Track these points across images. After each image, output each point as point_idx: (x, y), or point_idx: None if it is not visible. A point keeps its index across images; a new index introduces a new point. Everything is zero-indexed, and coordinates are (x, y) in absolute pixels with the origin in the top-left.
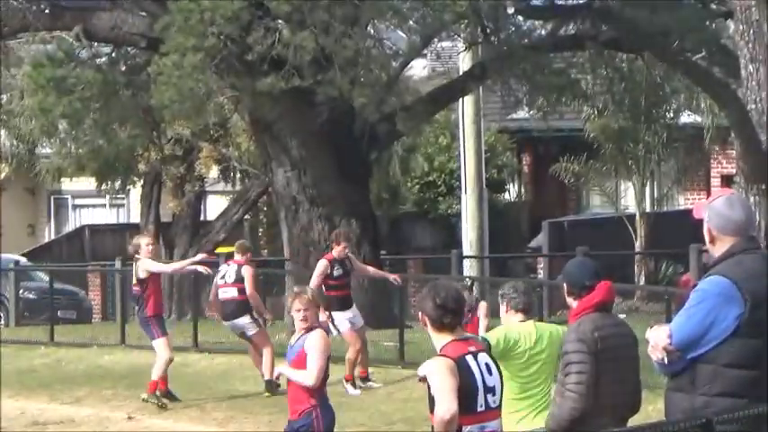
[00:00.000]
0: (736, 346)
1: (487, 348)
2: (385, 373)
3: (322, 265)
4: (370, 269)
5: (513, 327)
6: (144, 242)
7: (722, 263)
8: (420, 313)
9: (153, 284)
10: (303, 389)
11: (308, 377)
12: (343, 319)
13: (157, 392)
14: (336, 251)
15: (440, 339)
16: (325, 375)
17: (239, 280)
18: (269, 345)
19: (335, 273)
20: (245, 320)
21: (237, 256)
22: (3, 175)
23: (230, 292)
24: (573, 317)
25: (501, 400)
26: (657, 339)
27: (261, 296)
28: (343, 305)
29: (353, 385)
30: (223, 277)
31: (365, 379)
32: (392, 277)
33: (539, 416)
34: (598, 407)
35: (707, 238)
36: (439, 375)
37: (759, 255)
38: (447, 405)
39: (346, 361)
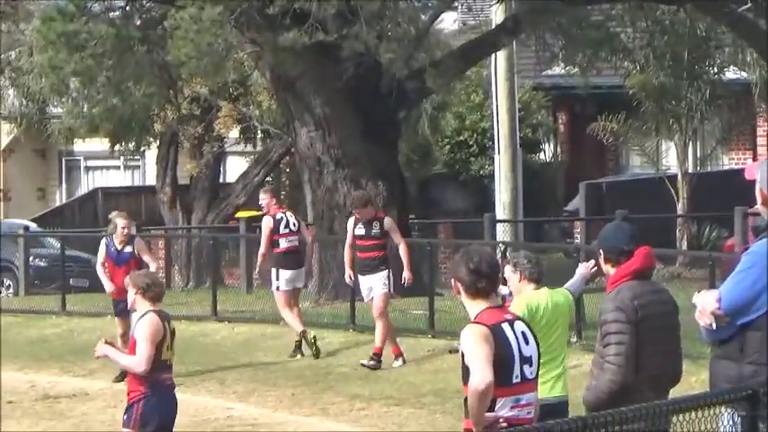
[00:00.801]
0: None
1: None
2: (414, 342)
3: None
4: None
5: (532, 296)
6: (120, 224)
7: None
8: (453, 280)
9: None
10: (134, 375)
11: (135, 363)
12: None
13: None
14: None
15: (474, 306)
16: (156, 362)
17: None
18: None
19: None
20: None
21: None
22: (11, 136)
23: (295, 241)
24: (611, 285)
25: (538, 372)
26: (705, 304)
27: None
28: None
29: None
30: (287, 226)
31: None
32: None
33: (558, 383)
34: (638, 379)
35: (759, 200)
36: (473, 344)
37: None
38: (482, 375)
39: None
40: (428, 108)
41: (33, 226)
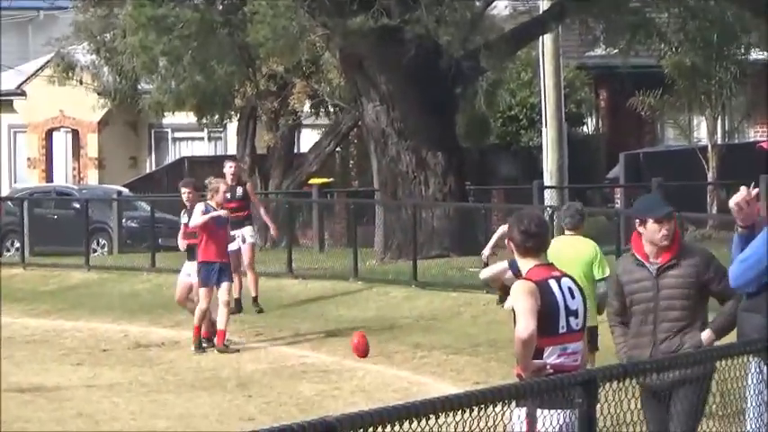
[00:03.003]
0: None
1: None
2: (471, 297)
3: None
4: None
5: (558, 239)
6: (222, 188)
7: None
8: (507, 241)
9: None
10: None
11: None
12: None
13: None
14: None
15: (524, 264)
16: None
17: None
18: None
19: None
20: None
21: None
22: (106, 109)
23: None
24: None
25: (584, 324)
26: (736, 197)
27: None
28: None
29: None
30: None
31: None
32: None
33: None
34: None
35: None
36: (520, 297)
37: None
38: (525, 325)
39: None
40: (483, 85)
41: (126, 191)
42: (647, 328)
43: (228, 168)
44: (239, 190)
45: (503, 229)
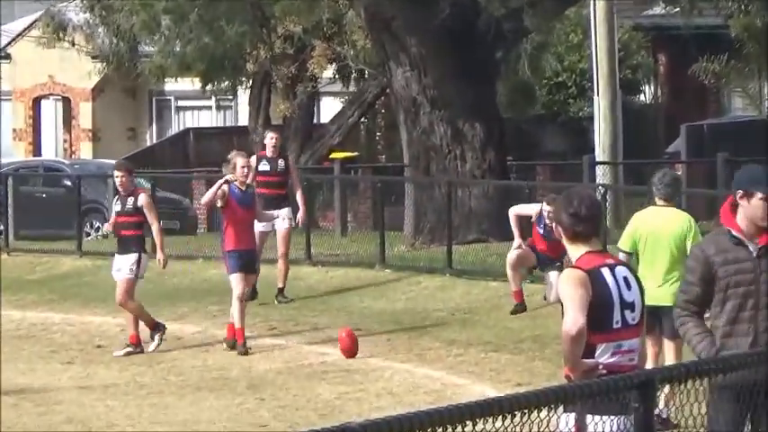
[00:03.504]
0: None
1: None
2: None
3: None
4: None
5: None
6: (240, 163)
7: None
8: (554, 224)
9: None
10: None
11: None
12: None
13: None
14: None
15: (574, 251)
16: None
17: None
18: None
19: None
20: None
21: None
22: (101, 75)
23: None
24: None
25: (641, 318)
26: None
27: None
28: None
29: None
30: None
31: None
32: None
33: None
34: None
35: None
36: (568, 288)
37: None
38: (573, 318)
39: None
40: (527, 48)
41: None
42: (746, 314)
43: (270, 140)
44: (281, 163)
45: (516, 210)
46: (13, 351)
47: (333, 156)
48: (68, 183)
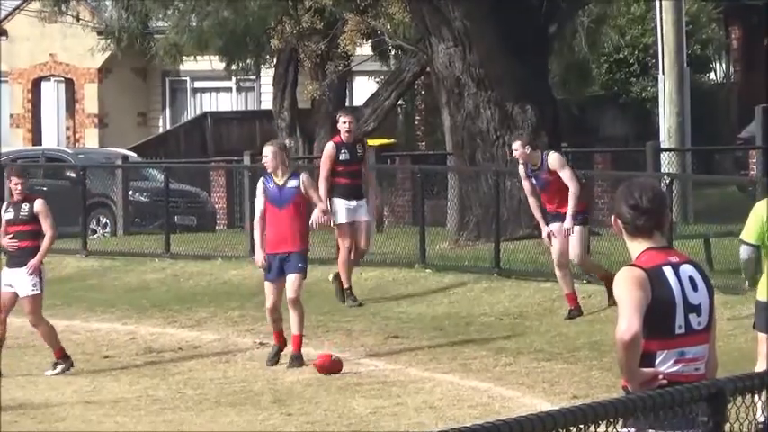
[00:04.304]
0: None
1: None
2: None
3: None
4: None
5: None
6: (270, 154)
7: None
8: (613, 217)
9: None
10: None
11: None
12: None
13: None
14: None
15: (635, 247)
16: None
17: None
18: None
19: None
20: None
21: None
22: (109, 53)
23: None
24: None
25: (710, 322)
26: None
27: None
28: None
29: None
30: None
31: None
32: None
33: None
34: None
35: None
36: (624, 288)
37: None
38: (627, 323)
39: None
40: (584, 21)
41: (133, 155)
42: None
43: (343, 124)
44: (359, 149)
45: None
46: (11, 362)
47: (368, 143)
48: (72, 174)
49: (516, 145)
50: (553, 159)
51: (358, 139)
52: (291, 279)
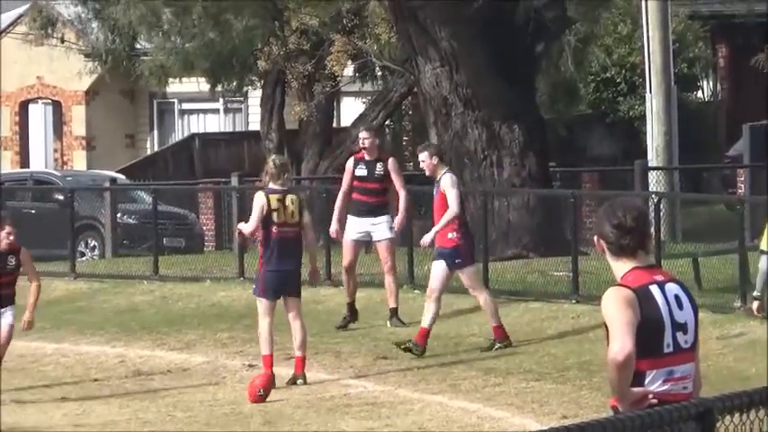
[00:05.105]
0: None
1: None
2: (556, 308)
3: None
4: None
5: None
6: (269, 171)
7: None
8: (596, 237)
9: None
10: None
11: None
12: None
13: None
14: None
15: (619, 267)
16: None
17: None
18: None
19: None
20: None
21: None
22: (95, 76)
23: None
24: None
25: (696, 340)
26: None
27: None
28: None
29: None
30: None
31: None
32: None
33: None
34: None
35: None
36: (613, 309)
37: None
38: (620, 344)
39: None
40: (571, 41)
41: (121, 177)
42: None
43: (364, 141)
44: (378, 167)
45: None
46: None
47: (394, 161)
48: (60, 197)
49: (423, 155)
50: (445, 179)
51: (381, 158)
52: (292, 302)
